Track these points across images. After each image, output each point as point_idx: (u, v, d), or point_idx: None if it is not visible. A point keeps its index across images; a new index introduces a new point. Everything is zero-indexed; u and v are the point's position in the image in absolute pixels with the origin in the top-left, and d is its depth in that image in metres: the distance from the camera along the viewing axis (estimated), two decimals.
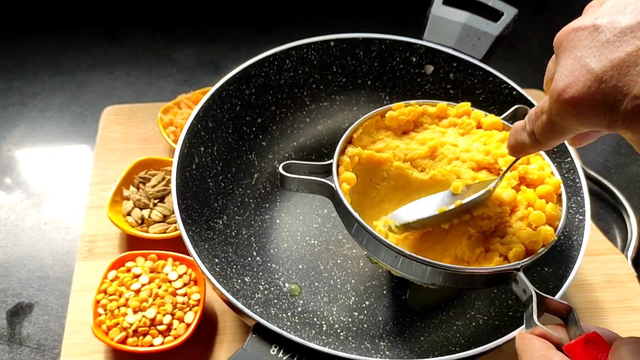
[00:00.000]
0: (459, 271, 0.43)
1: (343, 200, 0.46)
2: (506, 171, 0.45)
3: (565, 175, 0.56)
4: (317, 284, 0.58)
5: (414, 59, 0.64)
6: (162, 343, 0.52)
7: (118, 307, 0.53)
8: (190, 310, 0.54)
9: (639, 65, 0.28)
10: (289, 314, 0.55)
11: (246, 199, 0.63)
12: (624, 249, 0.69)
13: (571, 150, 0.56)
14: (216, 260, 0.54)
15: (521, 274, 0.42)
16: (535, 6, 0.63)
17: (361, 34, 0.64)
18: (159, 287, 0.55)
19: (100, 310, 0.53)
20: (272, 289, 0.57)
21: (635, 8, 0.29)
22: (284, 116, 0.66)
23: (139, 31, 0.95)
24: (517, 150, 0.39)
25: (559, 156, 0.57)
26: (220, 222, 0.59)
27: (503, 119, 0.52)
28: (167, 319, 0.53)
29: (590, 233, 0.52)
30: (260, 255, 0.60)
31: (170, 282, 0.56)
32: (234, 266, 0.56)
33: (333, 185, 0.47)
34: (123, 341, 0.52)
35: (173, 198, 0.51)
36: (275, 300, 0.56)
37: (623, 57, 0.28)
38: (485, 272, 0.43)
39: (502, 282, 0.44)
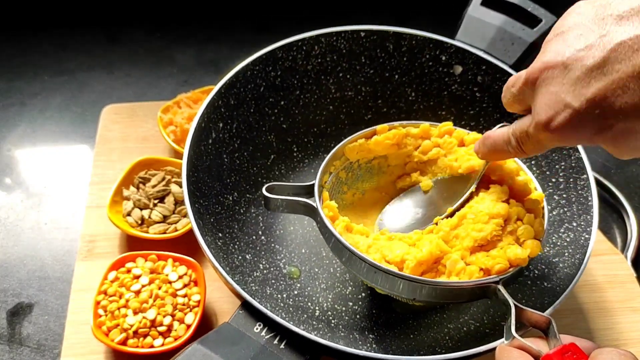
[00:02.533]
0: (438, 285, 0.43)
1: (324, 219, 0.47)
2: (482, 173, 0.49)
3: (579, 191, 0.56)
4: (317, 270, 0.58)
5: (443, 58, 0.64)
6: (163, 344, 0.52)
7: (118, 308, 0.53)
8: (190, 311, 0.54)
9: (608, 97, 0.32)
10: (285, 295, 0.55)
11: (259, 179, 0.63)
12: (623, 249, 0.69)
13: (588, 167, 0.56)
14: (219, 234, 0.54)
15: (501, 287, 0.42)
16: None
17: (392, 27, 0.63)
18: (159, 288, 0.55)
19: (101, 312, 0.53)
20: (272, 269, 0.57)
21: (598, 45, 0.33)
22: (307, 101, 0.66)
23: (139, 31, 0.95)
24: (497, 157, 0.46)
25: (575, 172, 0.57)
26: (230, 198, 0.59)
27: None
28: (167, 320, 0.53)
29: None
30: (265, 235, 0.60)
31: (170, 283, 0.56)
32: (237, 242, 0.56)
33: (315, 205, 0.48)
34: (123, 342, 0.52)
35: (183, 168, 0.52)
36: (273, 281, 0.56)
37: (594, 92, 0.33)
38: (465, 285, 0.43)
39: (483, 296, 0.44)
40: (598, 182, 0.75)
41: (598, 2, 0.35)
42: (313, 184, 0.50)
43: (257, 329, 0.44)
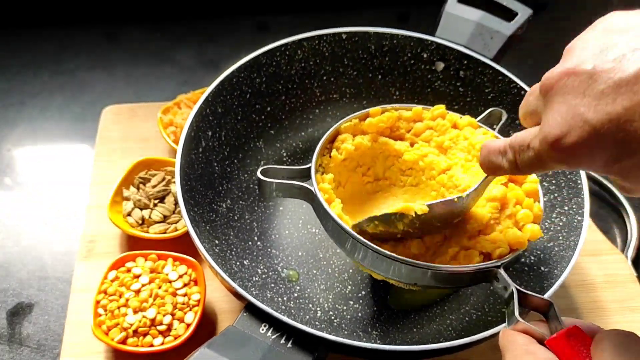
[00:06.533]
0: (439, 270, 0.43)
1: (322, 202, 0.46)
2: (479, 185, 0.43)
3: (568, 176, 0.57)
4: (315, 272, 0.59)
5: (425, 55, 0.65)
6: (162, 343, 0.52)
7: (118, 308, 0.53)
8: (190, 310, 0.54)
9: (636, 121, 0.28)
10: (285, 298, 0.55)
11: (251, 185, 0.63)
12: (624, 249, 0.69)
13: None
14: (216, 241, 0.54)
15: (502, 271, 0.42)
16: (536, 6, 0.63)
17: (373, 28, 0.64)
18: (159, 288, 0.55)
19: (101, 311, 0.53)
20: (270, 273, 0.57)
21: (631, 58, 0.29)
22: (293, 106, 0.67)
23: (139, 31, 0.95)
24: (492, 171, 0.40)
25: None
26: (224, 206, 0.59)
27: (479, 121, 0.53)
28: (167, 319, 0.53)
29: (591, 233, 0.52)
30: (261, 240, 0.60)
31: (170, 282, 0.56)
32: (234, 249, 0.57)
33: (312, 188, 0.47)
34: (123, 341, 0.52)
35: (176, 178, 0.51)
36: (273, 285, 0.56)
37: (620, 111, 0.28)
38: (465, 270, 0.43)
39: (483, 280, 0.44)
40: (598, 182, 0.76)
41: (634, 12, 0.31)
42: (309, 167, 0.49)
43: (262, 329, 0.44)
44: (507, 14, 0.63)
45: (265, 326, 0.44)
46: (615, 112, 0.28)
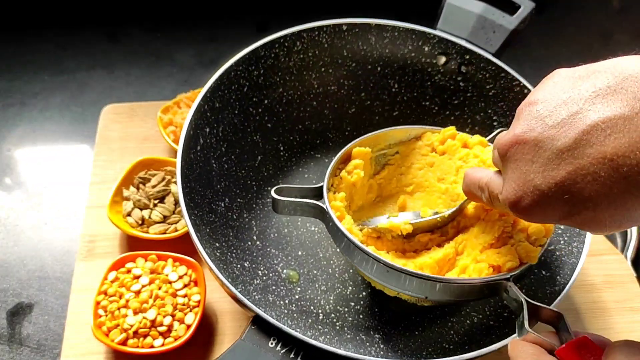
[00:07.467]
0: (451, 282, 0.43)
1: (333, 218, 0.47)
2: (464, 203, 0.49)
3: None
4: (315, 272, 0.58)
5: (426, 49, 0.64)
6: (163, 344, 0.52)
7: (118, 309, 0.53)
8: (190, 311, 0.54)
9: (578, 183, 0.30)
10: (287, 301, 0.55)
11: (249, 181, 0.63)
12: (623, 249, 0.69)
13: None
14: (217, 244, 0.54)
15: (512, 284, 0.42)
16: (535, 6, 0.63)
17: (374, 19, 0.63)
18: (159, 288, 0.55)
19: (101, 312, 0.53)
20: (271, 274, 0.57)
21: (571, 124, 0.31)
22: (290, 98, 0.66)
23: (139, 31, 0.95)
24: (472, 199, 0.45)
25: None
26: (222, 205, 0.59)
27: (488, 140, 0.53)
28: (167, 320, 0.53)
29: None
30: (260, 240, 0.60)
31: (170, 283, 0.56)
32: (234, 251, 0.56)
33: (324, 206, 0.48)
34: (123, 342, 0.52)
35: (177, 180, 0.51)
36: (274, 287, 0.56)
37: (564, 175, 0.31)
38: (476, 282, 0.43)
39: (493, 294, 0.44)
40: None
41: (577, 72, 0.33)
42: (321, 186, 0.50)
43: (271, 344, 0.43)
44: (510, 7, 0.62)
45: (274, 340, 0.43)
46: (560, 177, 0.31)
